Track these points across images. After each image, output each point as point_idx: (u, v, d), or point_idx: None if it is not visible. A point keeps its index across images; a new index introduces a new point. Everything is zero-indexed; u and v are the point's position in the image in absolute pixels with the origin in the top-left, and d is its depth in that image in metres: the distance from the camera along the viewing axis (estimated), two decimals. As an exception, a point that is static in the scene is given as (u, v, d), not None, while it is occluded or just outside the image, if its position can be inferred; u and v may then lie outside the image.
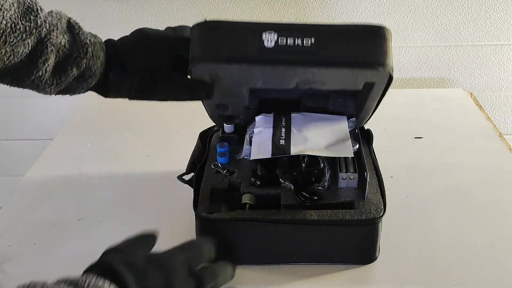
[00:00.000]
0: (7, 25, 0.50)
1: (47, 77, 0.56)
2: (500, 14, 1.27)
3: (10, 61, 0.52)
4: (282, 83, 0.76)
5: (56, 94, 0.61)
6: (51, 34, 0.54)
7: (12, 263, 0.76)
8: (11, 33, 0.51)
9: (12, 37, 0.51)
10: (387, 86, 0.71)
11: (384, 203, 0.73)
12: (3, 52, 0.51)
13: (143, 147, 1.07)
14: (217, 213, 0.72)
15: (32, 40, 0.53)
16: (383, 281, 0.72)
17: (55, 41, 0.55)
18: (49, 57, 0.54)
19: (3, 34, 0.50)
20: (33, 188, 0.94)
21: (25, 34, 0.52)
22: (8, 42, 0.51)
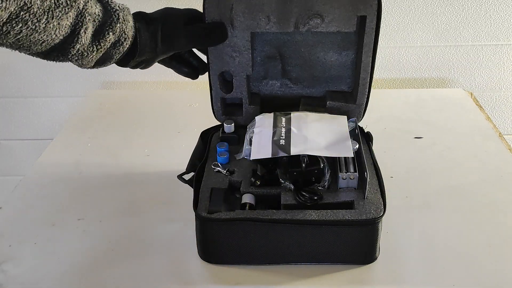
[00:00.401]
0: (52, 1, 0.57)
1: (87, 44, 0.62)
2: (500, 14, 1.27)
3: (57, 35, 0.59)
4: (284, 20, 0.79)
5: (95, 65, 0.67)
6: (87, 5, 0.60)
7: (12, 263, 0.76)
8: (55, 8, 0.57)
9: (57, 12, 0.57)
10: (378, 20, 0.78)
11: (384, 203, 0.73)
12: (51, 26, 0.57)
13: (143, 147, 1.07)
14: (217, 213, 0.72)
15: (73, 12, 0.59)
16: (383, 281, 0.72)
17: (91, 10, 0.61)
18: (88, 26, 0.61)
19: (49, 9, 0.56)
20: (33, 188, 0.94)
21: (67, 8, 0.58)
22: (55, 17, 0.57)
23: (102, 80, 1.39)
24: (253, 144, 0.79)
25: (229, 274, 0.73)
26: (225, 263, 0.75)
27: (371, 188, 0.76)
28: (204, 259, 0.75)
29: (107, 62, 0.68)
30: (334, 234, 0.71)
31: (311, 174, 0.76)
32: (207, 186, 0.78)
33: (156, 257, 0.77)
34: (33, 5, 0.55)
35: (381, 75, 1.37)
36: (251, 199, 0.76)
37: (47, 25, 0.57)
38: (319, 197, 0.74)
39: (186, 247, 0.78)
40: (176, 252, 0.78)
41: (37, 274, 0.75)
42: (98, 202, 0.90)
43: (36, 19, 0.55)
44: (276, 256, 0.74)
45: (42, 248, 0.80)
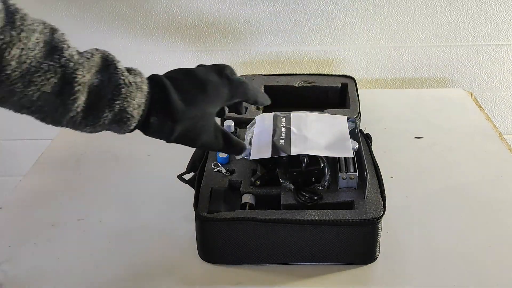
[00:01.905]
0: (31, 64, 0.50)
1: (80, 118, 0.55)
2: (500, 14, 1.27)
3: (41, 102, 0.52)
4: None
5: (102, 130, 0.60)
6: (77, 72, 0.52)
7: (12, 263, 0.76)
8: (34, 73, 0.50)
9: (36, 77, 0.50)
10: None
11: (384, 203, 0.73)
12: (31, 92, 0.51)
13: (143, 147, 1.07)
14: (217, 213, 0.72)
15: (57, 79, 0.52)
16: (383, 281, 0.72)
17: (82, 80, 0.53)
18: (77, 97, 0.53)
19: (27, 73, 0.50)
20: (33, 188, 0.94)
21: (49, 73, 0.51)
22: (33, 82, 0.50)
23: (102, 80, 1.39)
24: (253, 144, 0.79)
25: (229, 274, 0.73)
26: (225, 263, 0.75)
27: (371, 188, 0.76)
28: (204, 259, 0.75)
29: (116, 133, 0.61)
30: (334, 234, 0.71)
31: (311, 174, 0.76)
32: (207, 186, 0.78)
33: (156, 257, 0.77)
34: (6, 66, 0.48)
35: (381, 75, 1.37)
36: (251, 199, 0.76)
37: (24, 89, 0.50)
38: (319, 197, 0.74)
39: (186, 247, 0.78)
40: (176, 252, 0.78)
41: (37, 274, 0.75)
42: (98, 202, 0.90)
43: (9, 82, 0.49)
44: (276, 256, 0.74)
45: (42, 248, 0.80)
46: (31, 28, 0.51)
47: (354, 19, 1.29)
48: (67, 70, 0.52)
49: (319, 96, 1.16)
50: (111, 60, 0.57)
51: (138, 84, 0.58)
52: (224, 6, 1.29)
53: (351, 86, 1.15)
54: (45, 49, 0.51)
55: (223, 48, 1.35)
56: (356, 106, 1.06)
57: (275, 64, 1.37)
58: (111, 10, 1.29)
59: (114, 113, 0.56)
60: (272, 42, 1.33)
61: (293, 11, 1.29)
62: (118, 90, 0.55)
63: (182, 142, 0.62)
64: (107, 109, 0.55)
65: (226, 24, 1.31)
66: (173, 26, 1.32)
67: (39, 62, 0.50)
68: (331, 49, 1.34)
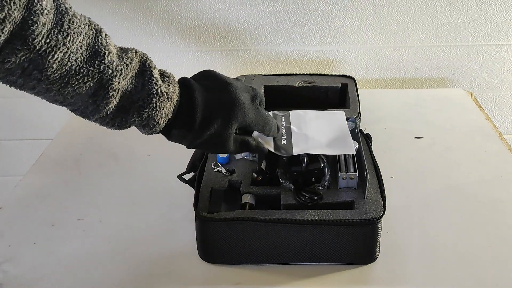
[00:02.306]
0: (72, 67, 0.52)
1: (108, 119, 0.58)
2: (500, 14, 1.27)
3: (74, 100, 0.55)
4: None
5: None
6: (113, 79, 0.54)
7: (12, 263, 0.76)
8: (73, 76, 0.52)
9: (75, 80, 0.52)
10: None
11: (384, 203, 0.73)
12: (66, 91, 0.53)
13: (143, 147, 1.07)
14: (217, 213, 0.72)
15: (94, 83, 0.54)
16: (383, 281, 0.72)
17: (117, 86, 0.55)
18: (110, 101, 0.55)
19: (66, 75, 0.52)
20: (33, 188, 0.94)
21: (87, 78, 0.53)
22: (70, 84, 0.53)
23: (102, 80, 1.39)
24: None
25: (229, 274, 0.73)
26: (225, 263, 0.75)
27: (371, 188, 0.76)
28: (204, 259, 0.75)
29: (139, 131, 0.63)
30: (334, 234, 0.71)
31: (311, 174, 0.76)
32: (207, 186, 0.78)
33: (156, 257, 0.77)
34: (48, 68, 0.50)
35: (381, 75, 1.37)
36: (251, 199, 0.76)
37: (61, 89, 0.53)
38: (319, 197, 0.74)
39: (186, 247, 0.78)
40: (176, 252, 0.78)
41: (37, 274, 0.75)
42: (98, 202, 0.90)
43: (48, 81, 0.51)
44: (276, 256, 0.74)
45: (42, 248, 0.79)
46: (77, 32, 0.52)
47: (354, 19, 1.29)
48: (105, 76, 0.54)
49: (319, 96, 1.16)
50: (148, 66, 0.58)
51: (169, 94, 0.59)
52: (224, 6, 1.29)
53: (351, 86, 1.15)
54: (86, 53, 0.53)
55: (223, 48, 1.35)
56: (356, 106, 1.06)
57: (275, 64, 1.37)
58: (111, 10, 1.29)
59: (141, 119, 0.59)
60: (272, 42, 1.33)
61: (293, 11, 1.29)
62: (150, 99, 0.57)
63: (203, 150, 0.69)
64: (136, 115, 0.58)
65: (226, 24, 1.31)
66: (173, 26, 1.32)
67: (79, 66, 0.52)
68: (331, 49, 1.34)
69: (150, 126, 0.60)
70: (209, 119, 0.61)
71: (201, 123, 0.61)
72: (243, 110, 0.63)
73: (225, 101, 0.62)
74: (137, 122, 0.59)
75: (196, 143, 0.63)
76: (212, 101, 0.62)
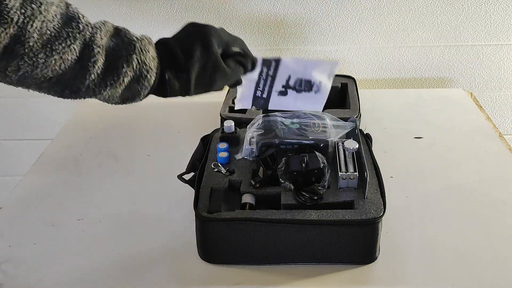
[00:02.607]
0: (51, 34, 0.52)
1: (99, 80, 0.56)
2: (500, 14, 1.27)
3: (62, 70, 0.54)
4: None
5: (122, 102, 0.62)
6: (95, 36, 0.55)
7: (12, 263, 0.76)
8: (55, 40, 0.52)
9: (57, 44, 0.53)
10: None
11: (384, 203, 0.73)
12: (53, 61, 0.53)
13: (143, 147, 1.07)
14: (217, 213, 0.72)
15: (78, 44, 0.54)
16: (383, 281, 0.72)
17: (101, 42, 0.56)
18: (97, 59, 0.55)
19: (48, 42, 0.52)
20: (33, 188, 0.94)
21: (69, 40, 0.53)
22: (55, 50, 0.53)
23: (102, 80, 1.39)
24: (238, 93, 0.76)
25: (229, 274, 0.73)
26: (225, 263, 0.75)
27: (371, 188, 0.76)
28: (204, 259, 0.75)
29: (136, 98, 0.62)
30: (334, 234, 0.71)
31: (311, 174, 0.76)
32: (207, 186, 0.78)
33: (156, 257, 0.77)
34: (29, 39, 0.51)
35: (381, 75, 1.37)
36: (251, 199, 0.76)
37: (47, 59, 0.52)
38: (319, 197, 0.74)
39: (186, 247, 0.78)
40: (176, 252, 0.78)
41: (37, 274, 0.75)
42: (98, 202, 0.90)
43: (32, 53, 0.51)
44: (276, 256, 0.74)
45: (42, 248, 0.79)
46: (49, 2, 0.53)
47: (354, 19, 1.29)
48: (86, 34, 0.55)
49: (319, 96, 1.15)
50: (122, 27, 0.60)
51: (148, 39, 0.61)
52: (224, 6, 1.29)
53: (351, 86, 1.15)
54: (62, 20, 0.54)
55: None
56: (356, 106, 1.06)
57: (275, 64, 1.37)
58: (111, 10, 1.29)
59: (132, 69, 0.58)
60: (272, 42, 1.33)
61: (293, 11, 1.29)
62: (133, 46, 0.58)
63: (203, 88, 0.64)
64: (125, 65, 0.57)
65: (226, 24, 1.31)
66: (173, 26, 1.31)
67: (58, 31, 0.53)
68: (331, 49, 1.34)
69: (144, 75, 0.59)
70: (189, 48, 0.63)
71: (184, 54, 0.62)
72: (216, 32, 0.65)
73: (196, 30, 0.65)
74: (130, 75, 0.58)
75: (193, 80, 0.62)
76: (184, 35, 0.65)
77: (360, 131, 0.88)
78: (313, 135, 0.82)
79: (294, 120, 0.85)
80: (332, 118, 0.87)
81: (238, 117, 1.01)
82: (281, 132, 0.83)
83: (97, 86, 0.57)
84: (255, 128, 0.84)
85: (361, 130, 0.89)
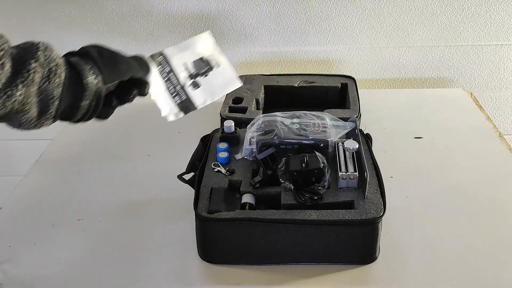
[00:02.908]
0: None
1: (8, 82, 0.54)
2: (500, 14, 1.27)
3: None
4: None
5: (39, 117, 0.61)
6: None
7: (12, 263, 0.76)
8: None
9: None
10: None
11: (384, 203, 0.73)
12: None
13: (143, 147, 1.07)
14: (217, 213, 0.72)
15: None
16: (383, 281, 0.72)
17: (4, 47, 0.53)
18: (3, 61, 0.53)
19: None
20: (33, 188, 0.94)
21: None
22: None
23: (102, 80, 1.39)
24: (159, 106, 0.71)
25: (229, 274, 0.73)
26: (225, 263, 0.75)
27: (371, 188, 0.76)
28: (204, 259, 0.75)
29: (50, 105, 0.60)
30: (334, 234, 0.71)
31: (311, 174, 0.76)
32: (207, 186, 0.78)
33: (156, 257, 0.77)
34: None
35: (381, 75, 1.37)
36: (251, 199, 0.76)
37: None
38: (319, 197, 0.74)
39: (186, 247, 0.78)
40: (176, 252, 0.78)
41: (37, 274, 0.75)
42: (98, 202, 0.90)
43: None
44: (276, 256, 0.74)
45: (42, 248, 0.79)
46: None
47: (354, 19, 1.29)
48: None
49: (319, 96, 1.16)
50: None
51: (47, 43, 0.58)
52: (224, 6, 1.29)
53: (351, 86, 1.15)
54: None
55: (223, 48, 1.34)
56: (356, 106, 1.06)
57: (275, 64, 1.37)
58: (111, 10, 1.29)
59: (40, 65, 0.56)
60: (272, 42, 1.33)
61: (293, 11, 1.29)
62: (35, 46, 0.56)
63: (111, 70, 0.62)
64: (33, 61, 0.55)
65: (226, 24, 1.31)
66: (173, 26, 1.32)
67: None
68: (331, 49, 1.34)
69: (53, 70, 0.57)
70: (92, 46, 0.63)
71: (80, 51, 0.61)
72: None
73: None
74: (39, 72, 0.56)
75: (98, 59, 0.61)
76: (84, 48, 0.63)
77: (360, 131, 0.88)
78: (313, 135, 0.82)
79: (294, 120, 0.86)
80: (332, 118, 0.87)
81: (238, 117, 1.01)
82: (281, 132, 0.83)
83: (6, 89, 0.54)
84: (255, 128, 0.84)
85: (361, 130, 0.89)
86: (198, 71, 0.72)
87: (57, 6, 1.28)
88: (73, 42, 0.55)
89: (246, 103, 1.07)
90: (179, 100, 0.70)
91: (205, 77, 0.72)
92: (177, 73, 0.71)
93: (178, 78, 0.71)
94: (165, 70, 0.71)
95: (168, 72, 0.71)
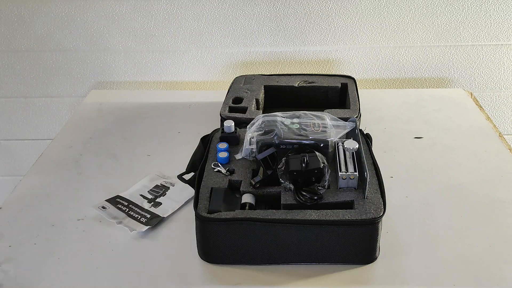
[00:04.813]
0: None
1: None
2: (500, 14, 1.27)
3: None
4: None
5: None
6: None
7: (12, 263, 0.76)
8: None
9: None
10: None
11: (384, 203, 0.73)
12: None
13: (143, 147, 1.07)
14: (217, 213, 0.72)
15: None
16: (383, 281, 0.72)
17: None
18: None
19: None
20: (33, 188, 0.94)
21: None
22: None
23: (101, 80, 1.39)
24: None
25: (229, 274, 0.73)
26: (225, 263, 0.75)
27: (371, 188, 0.76)
28: (204, 259, 0.75)
29: None
30: (334, 234, 0.71)
31: (311, 174, 0.76)
32: (207, 186, 0.78)
33: (156, 257, 0.77)
34: None
35: (381, 75, 1.37)
36: (251, 199, 0.76)
37: None
38: (319, 197, 0.74)
39: (186, 247, 0.78)
40: (176, 252, 0.78)
41: (37, 274, 0.75)
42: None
43: None
44: (276, 256, 0.74)
45: (42, 248, 0.79)
46: None
47: (354, 19, 1.29)
48: None
49: (319, 96, 1.16)
50: None
51: None
52: (224, 6, 1.29)
53: (351, 86, 1.15)
54: None
55: (223, 48, 1.35)
56: (356, 106, 1.06)
57: (275, 64, 1.37)
58: (111, 10, 1.29)
59: None
60: (272, 42, 1.33)
61: (293, 11, 1.29)
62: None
63: None
64: None
65: (226, 24, 1.31)
66: (173, 26, 1.32)
67: None
68: (331, 49, 1.34)
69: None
70: None
71: None
72: None
73: None
74: None
75: None
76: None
77: (360, 131, 0.88)
78: (313, 135, 0.82)
79: (294, 120, 0.85)
80: (332, 118, 0.87)
81: (238, 117, 1.01)
82: (281, 132, 0.83)
83: None
84: (255, 128, 0.84)
85: (361, 130, 0.89)
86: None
87: (57, 6, 1.28)
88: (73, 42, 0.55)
89: (246, 103, 1.07)
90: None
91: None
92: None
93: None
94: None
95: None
